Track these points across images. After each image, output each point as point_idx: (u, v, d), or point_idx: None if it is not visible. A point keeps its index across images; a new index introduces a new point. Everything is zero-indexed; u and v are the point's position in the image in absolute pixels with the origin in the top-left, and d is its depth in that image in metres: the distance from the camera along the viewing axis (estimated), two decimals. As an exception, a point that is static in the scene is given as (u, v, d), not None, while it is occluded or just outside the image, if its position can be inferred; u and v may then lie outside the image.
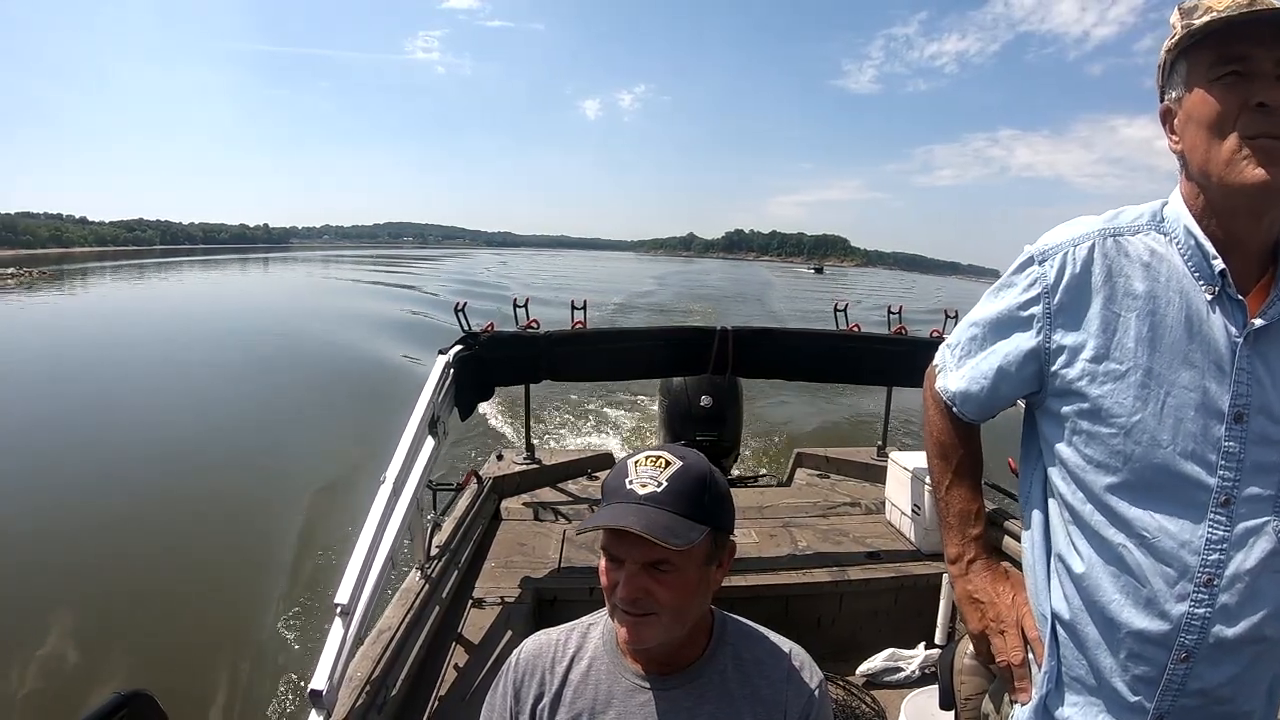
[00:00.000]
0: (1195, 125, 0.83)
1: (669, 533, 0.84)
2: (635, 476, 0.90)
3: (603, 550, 0.90)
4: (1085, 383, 0.87)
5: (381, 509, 1.89)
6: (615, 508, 0.88)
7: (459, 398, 2.71)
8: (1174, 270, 0.85)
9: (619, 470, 0.93)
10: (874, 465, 3.91)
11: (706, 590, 0.93)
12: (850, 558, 2.91)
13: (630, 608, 0.87)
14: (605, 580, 0.90)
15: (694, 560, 0.88)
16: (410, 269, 58.00)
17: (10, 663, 3.89)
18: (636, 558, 0.86)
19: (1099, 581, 0.87)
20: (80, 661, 3.95)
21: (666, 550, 0.84)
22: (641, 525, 0.83)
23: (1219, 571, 0.80)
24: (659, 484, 0.88)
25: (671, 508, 0.86)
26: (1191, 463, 0.81)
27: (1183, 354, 0.82)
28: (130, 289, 38.49)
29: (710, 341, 3.18)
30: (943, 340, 1.09)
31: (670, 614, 0.88)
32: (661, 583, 0.87)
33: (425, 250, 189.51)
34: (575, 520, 3.26)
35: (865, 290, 57.13)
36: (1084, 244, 0.89)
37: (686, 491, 0.88)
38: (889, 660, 2.60)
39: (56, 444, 8.16)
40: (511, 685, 0.99)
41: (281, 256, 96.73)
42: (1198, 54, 0.82)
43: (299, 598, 4.56)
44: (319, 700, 1.45)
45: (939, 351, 1.13)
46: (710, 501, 0.90)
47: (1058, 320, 0.90)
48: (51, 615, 4.33)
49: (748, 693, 0.94)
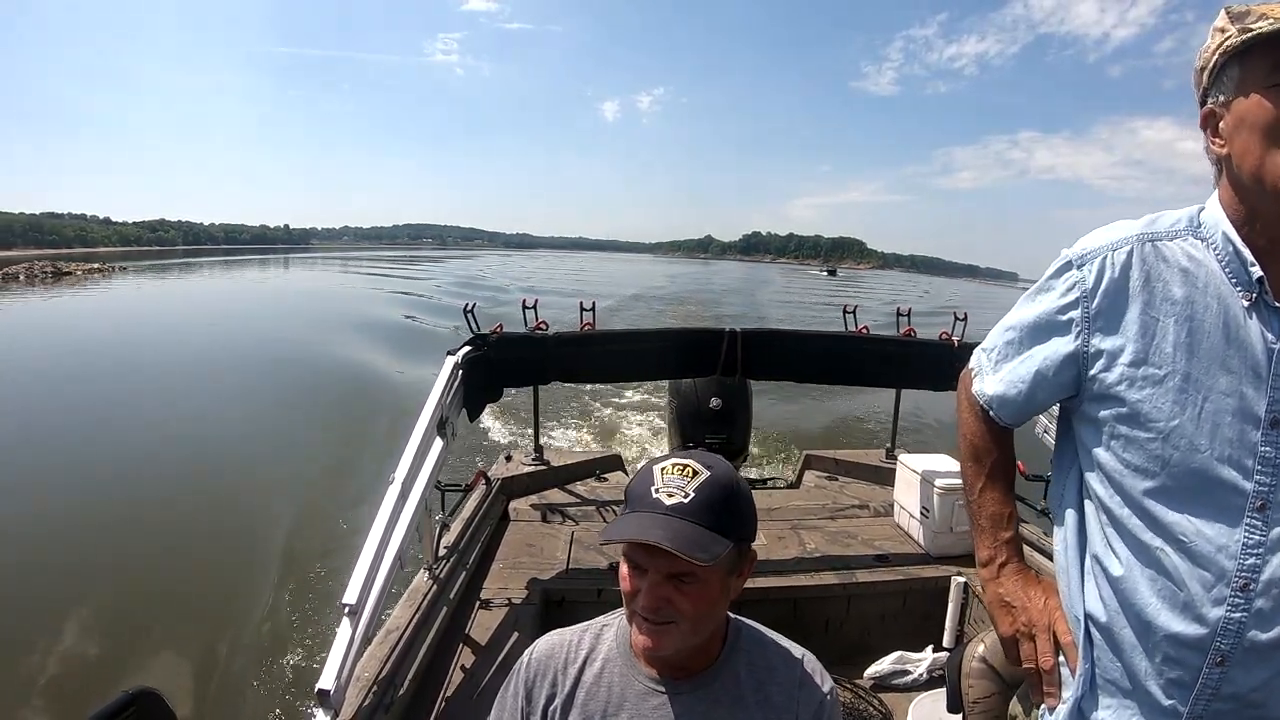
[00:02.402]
0: (1248, 131, 0.81)
1: (695, 547, 0.82)
2: (662, 485, 0.88)
3: (625, 557, 0.89)
4: (1124, 387, 0.87)
5: (390, 509, 1.89)
6: (642, 517, 0.86)
7: (468, 399, 2.72)
8: (1212, 276, 0.84)
9: (644, 476, 0.91)
10: (883, 468, 3.88)
11: (727, 599, 0.92)
12: (859, 560, 2.90)
13: (651, 616, 0.87)
14: (627, 586, 0.89)
15: (718, 572, 0.87)
16: (417, 269, 59.68)
17: (17, 660, 3.94)
18: (661, 568, 0.85)
19: (1136, 585, 0.86)
20: (87, 658, 3.98)
21: (691, 564, 0.83)
22: (669, 540, 0.82)
23: (1255, 576, 0.79)
24: (686, 494, 0.86)
25: (698, 520, 0.85)
26: (1228, 467, 0.80)
27: (1220, 359, 0.82)
28: (201, 281, 43.16)
29: (719, 343, 3.17)
30: (951, 342, 1.07)
31: (691, 624, 0.87)
32: (684, 594, 0.86)
33: (444, 251, 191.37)
34: (584, 522, 3.26)
35: (865, 291, 57.87)
36: (1122, 249, 0.89)
37: (714, 503, 0.87)
38: (897, 663, 2.59)
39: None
40: (523, 685, 0.98)
41: (302, 257, 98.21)
42: (1254, 59, 0.80)
43: (306, 596, 4.58)
44: (326, 699, 1.46)
45: (974, 355, 1.12)
46: (736, 512, 0.89)
47: (1096, 324, 0.90)
48: (57, 612, 4.39)
49: (760, 698, 0.94)
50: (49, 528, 5.66)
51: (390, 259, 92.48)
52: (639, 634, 0.89)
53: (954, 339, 3.27)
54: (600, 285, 43.63)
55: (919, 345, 3.39)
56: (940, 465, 3.08)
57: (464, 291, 27.44)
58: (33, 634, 4.16)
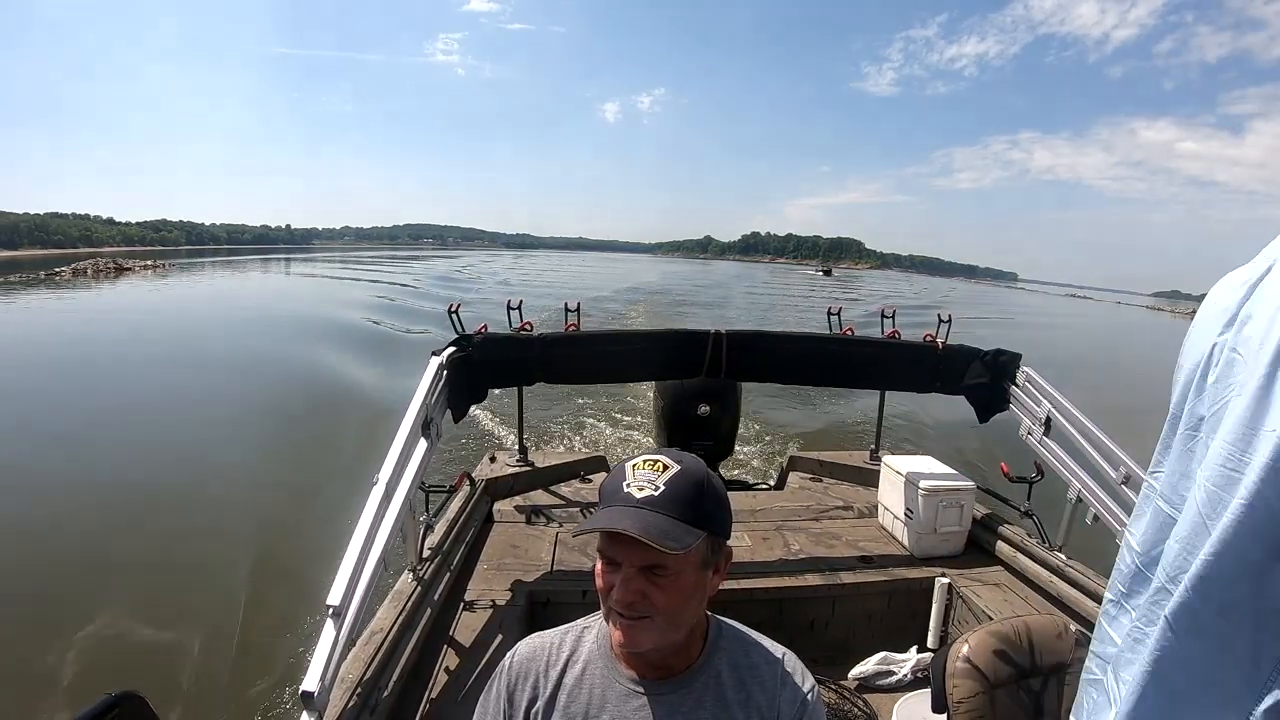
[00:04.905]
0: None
1: (665, 536, 0.83)
2: (633, 480, 0.89)
3: (599, 553, 0.90)
4: None
5: (374, 510, 1.90)
6: (612, 510, 0.87)
7: (452, 399, 2.73)
8: None
9: (616, 474, 0.92)
10: (867, 469, 3.90)
11: (702, 595, 0.92)
12: (843, 561, 2.91)
13: (626, 611, 0.87)
14: (601, 583, 0.90)
15: (690, 564, 0.88)
16: (406, 268, 61.27)
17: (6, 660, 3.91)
18: (633, 561, 0.86)
19: None
20: (66, 661, 3.93)
21: (663, 554, 0.84)
22: (638, 528, 0.83)
23: None
24: (656, 488, 0.87)
25: (668, 511, 0.86)
26: None
27: None
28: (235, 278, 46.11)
29: (704, 344, 3.18)
30: (935, 345, 1.02)
31: (665, 618, 0.88)
32: (658, 586, 0.86)
33: (444, 251, 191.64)
34: (568, 523, 3.26)
35: (855, 290, 59.03)
36: None
37: (684, 495, 0.88)
38: (881, 664, 2.61)
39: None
40: (505, 688, 0.99)
41: (303, 257, 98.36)
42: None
43: (289, 597, 4.52)
44: (311, 701, 1.46)
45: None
46: (707, 506, 0.90)
47: None
48: (41, 612, 4.38)
49: (742, 698, 0.94)
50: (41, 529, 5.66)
51: (388, 258, 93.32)
52: (615, 630, 0.90)
53: (938, 341, 3.29)
54: (602, 280, 45.83)
55: (902, 347, 3.41)
56: (924, 467, 3.10)
57: (453, 291, 28.82)
58: (13, 636, 4.13)
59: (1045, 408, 2.82)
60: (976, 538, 3.06)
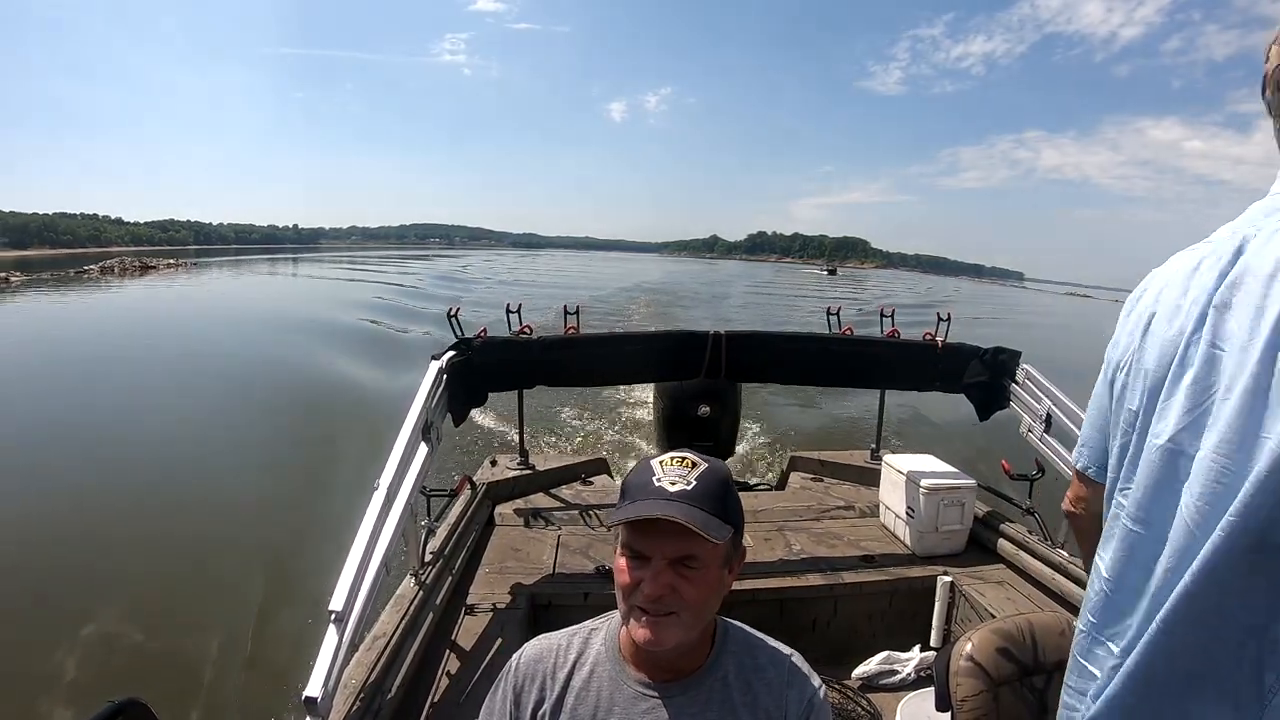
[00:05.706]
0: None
1: (707, 526, 0.85)
2: (663, 475, 0.90)
3: (624, 548, 0.89)
4: None
5: (375, 515, 1.90)
6: (647, 502, 0.87)
7: (452, 404, 2.73)
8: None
9: (643, 469, 0.92)
10: (868, 468, 3.89)
11: (722, 593, 0.93)
12: (845, 561, 2.91)
13: (653, 606, 0.86)
14: (626, 579, 0.89)
15: (717, 559, 0.89)
16: (427, 264, 62.76)
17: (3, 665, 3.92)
18: (665, 553, 0.86)
19: None
20: (68, 668, 3.93)
21: (698, 545, 0.85)
22: (684, 516, 0.84)
23: None
24: (689, 482, 0.88)
25: (702, 505, 0.87)
26: None
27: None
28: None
29: (703, 345, 3.18)
30: (935, 343, 1.01)
31: (691, 613, 0.88)
32: (688, 579, 0.86)
33: (450, 250, 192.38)
34: (569, 526, 3.25)
35: (856, 289, 59.60)
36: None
37: (714, 491, 0.89)
38: (884, 663, 2.60)
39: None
40: (512, 690, 0.98)
41: (311, 256, 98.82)
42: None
43: (293, 602, 4.49)
44: (314, 707, 1.46)
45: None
46: (732, 503, 0.92)
47: None
48: (42, 618, 4.37)
49: (748, 700, 0.95)
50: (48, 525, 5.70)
51: (397, 257, 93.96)
52: (638, 627, 0.88)
53: (938, 340, 3.28)
54: (604, 279, 47.10)
55: (902, 346, 3.40)
56: (925, 465, 3.09)
57: (453, 290, 29.92)
58: (14, 640, 4.13)
59: (1045, 405, 2.82)
60: (978, 536, 3.06)
